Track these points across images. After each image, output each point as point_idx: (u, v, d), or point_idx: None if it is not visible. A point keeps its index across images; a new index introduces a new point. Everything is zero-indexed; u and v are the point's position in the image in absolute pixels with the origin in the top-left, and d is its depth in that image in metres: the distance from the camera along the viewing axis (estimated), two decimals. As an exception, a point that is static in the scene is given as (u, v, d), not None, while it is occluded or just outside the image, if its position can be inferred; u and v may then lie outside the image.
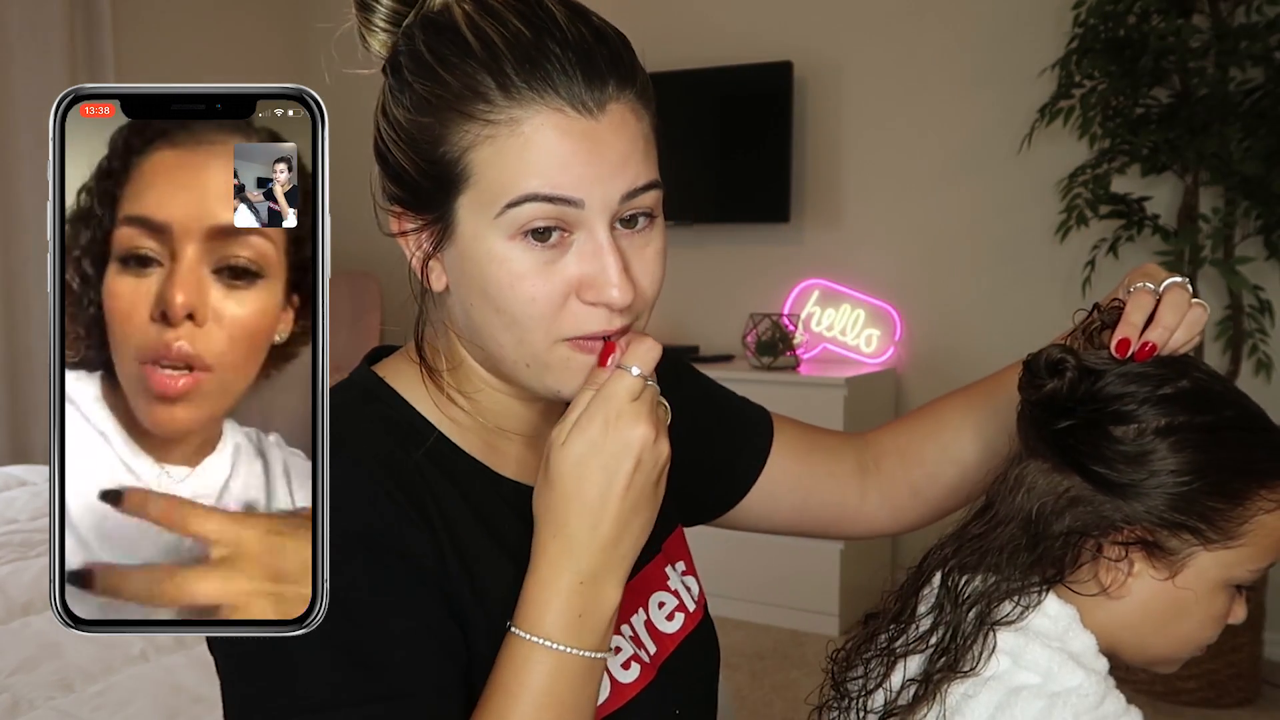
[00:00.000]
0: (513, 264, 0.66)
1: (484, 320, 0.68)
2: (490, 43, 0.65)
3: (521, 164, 0.64)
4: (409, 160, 0.68)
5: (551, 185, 0.64)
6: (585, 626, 0.65)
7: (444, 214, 0.68)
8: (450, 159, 0.66)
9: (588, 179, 0.65)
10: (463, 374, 0.75)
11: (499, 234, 0.66)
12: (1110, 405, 0.74)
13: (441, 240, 0.69)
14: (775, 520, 0.97)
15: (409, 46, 0.68)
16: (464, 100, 0.65)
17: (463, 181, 0.66)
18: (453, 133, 0.65)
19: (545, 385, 0.70)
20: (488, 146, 0.65)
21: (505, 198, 0.65)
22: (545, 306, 0.66)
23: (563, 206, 0.65)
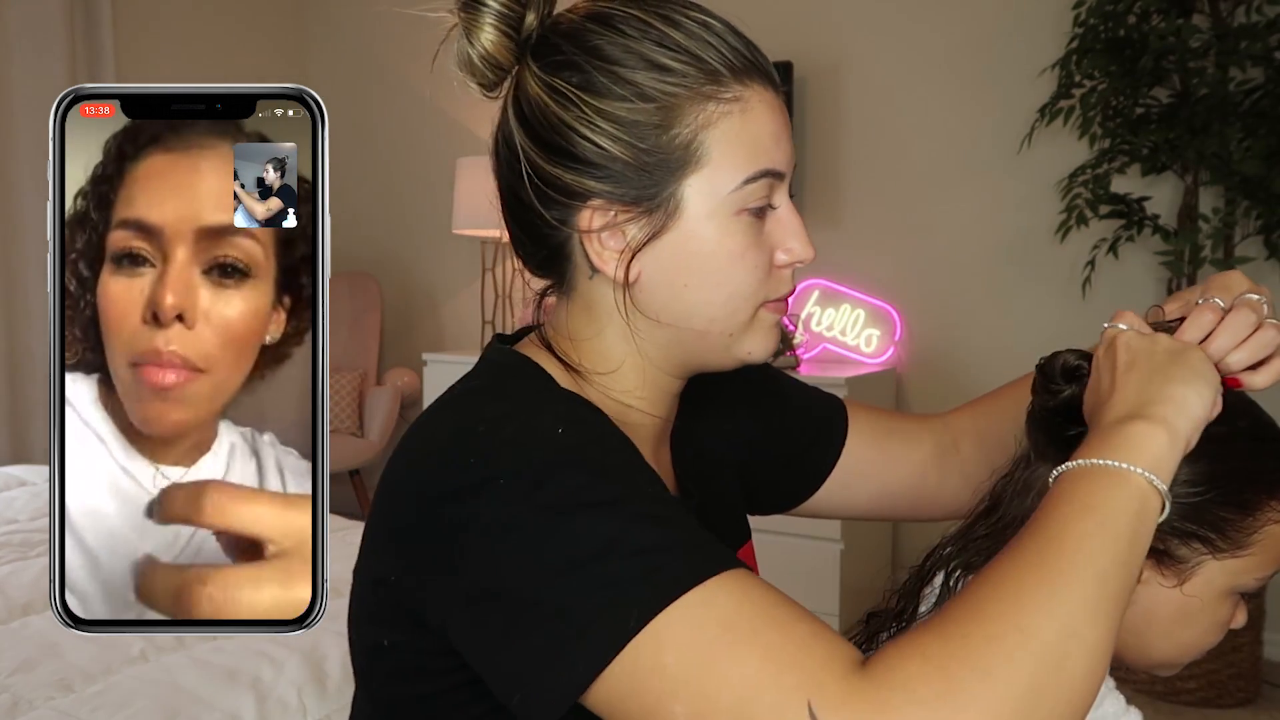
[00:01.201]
0: (740, 237, 0.70)
1: (700, 299, 0.71)
2: (690, 29, 0.69)
3: (753, 141, 0.69)
4: (625, 149, 0.68)
5: (773, 160, 0.70)
6: (1160, 461, 0.62)
7: (665, 199, 0.69)
8: (681, 141, 0.68)
9: (788, 152, 0.72)
10: (620, 374, 0.75)
11: (728, 210, 0.70)
12: None
13: (663, 226, 0.70)
14: (855, 507, 0.98)
15: (586, 42, 0.69)
16: (695, 82, 0.68)
17: (694, 162, 0.69)
18: (684, 115, 0.68)
19: (740, 351, 0.74)
20: (722, 124, 0.69)
21: (741, 174, 0.69)
22: (763, 274, 0.72)
23: (776, 179, 0.71)
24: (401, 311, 4.43)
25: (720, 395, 0.91)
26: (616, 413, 0.75)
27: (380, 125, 4.25)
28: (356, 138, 4.30)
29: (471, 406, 0.69)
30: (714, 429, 0.91)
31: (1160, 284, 2.96)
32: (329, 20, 4.52)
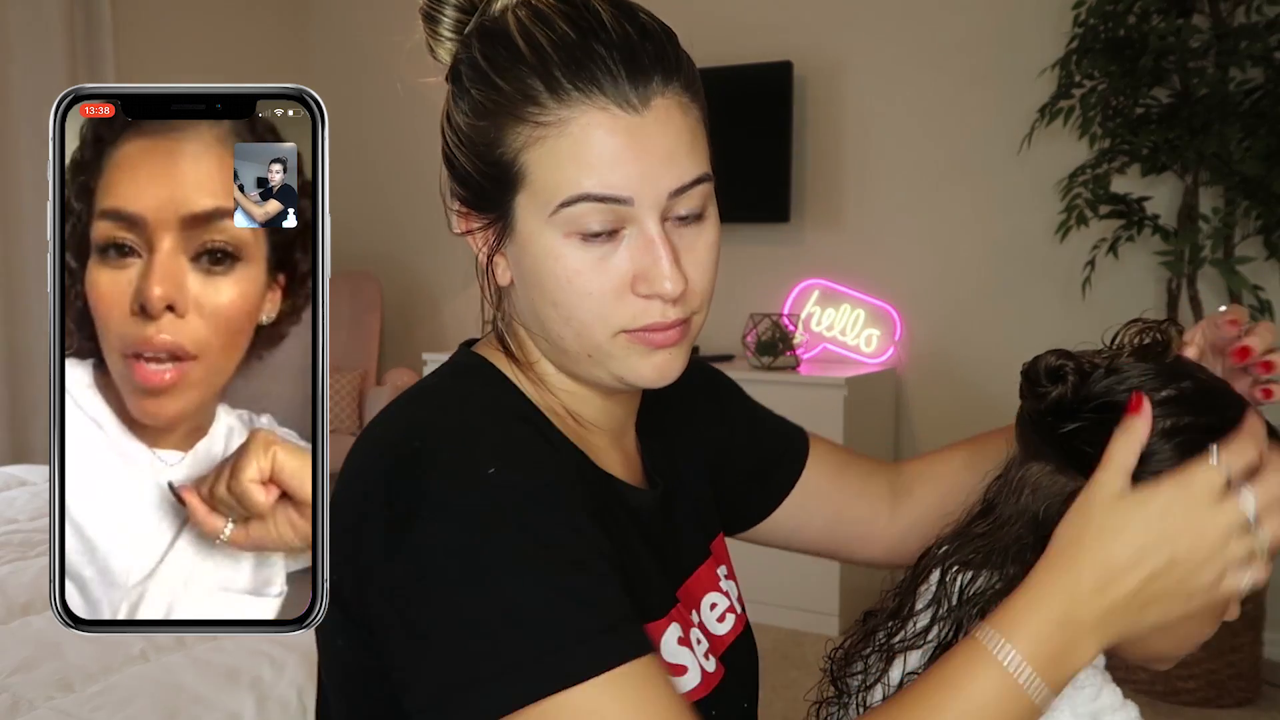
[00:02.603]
0: (568, 260, 0.68)
1: (545, 314, 0.71)
2: (539, 47, 0.67)
3: (572, 164, 0.67)
4: (470, 163, 0.71)
5: (601, 184, 0.67)
6: (1047, 663, 0.64)
7: (504, 213, 0.71)
8: (506, 160, 0.69)
9: (635, 176, 0.67)
10: (540, 369, 0.76)
11: (554, 232, 0.68)
12: (1115, 407, 0.74)
13: (502, 238, 0.71)
14: (806, 535, 0.98)
15: (467, 55, 0.71)
16: (516, 104, 0.67)
17: (518, 182, 0.69)
18: (507, 135, 0.68)
19: (610, 374, 0.72)
20: (539, 147, 0.67)
21: (558, 197, 0.67)
22: (600, 301, 0.69)
23: (613, 205, 0.67)
24: (401, 311, 4.43)
25: (689, 393, 0.91)
26: (571, 404, 0.76)
27: (381, 125, 4.25)
28: (357, 137, 4.30)
29: (414, 423, 0.70)
30: (684, 421, 0.91)
31: (1160, 284, 2.96)
32: (329, 20, 4.51)
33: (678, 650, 0.73)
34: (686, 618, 0.77)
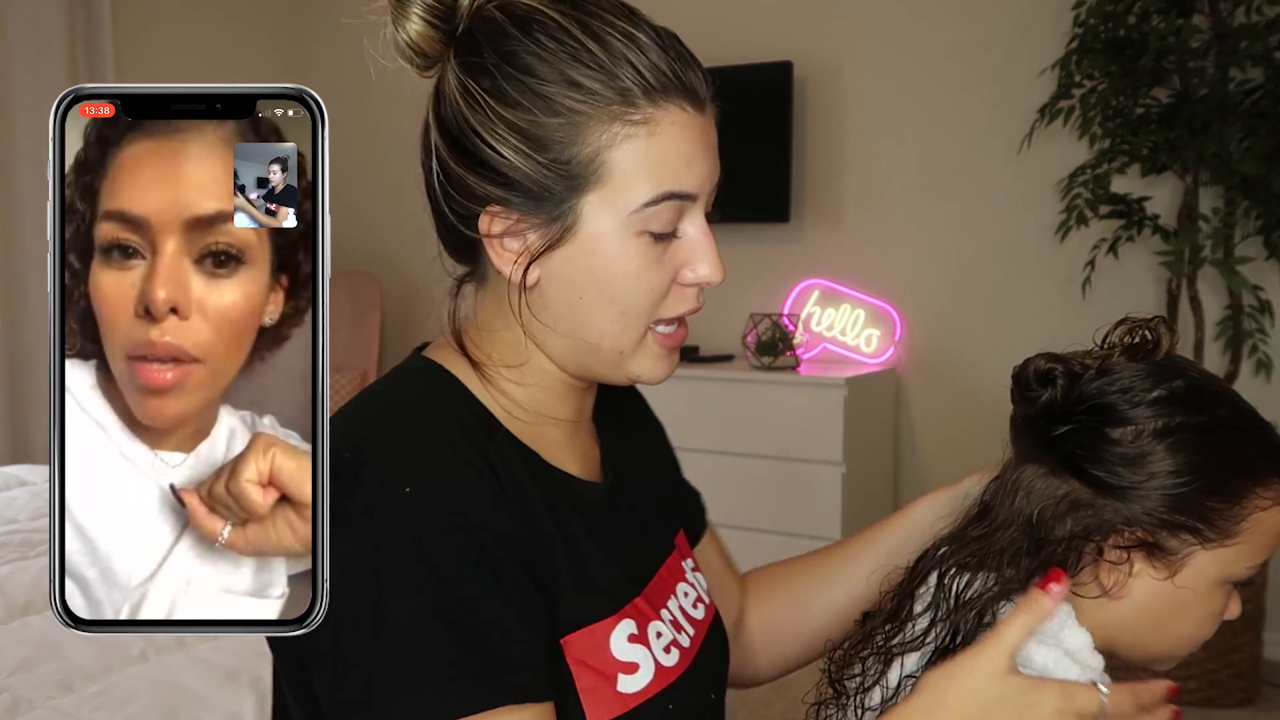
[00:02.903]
0: (637, 258, 0.69)
1: (592, 312, 0.71)
2: (611, 44, 0.67)
3: (659, 163, 0.68)
4: (526, 161, 0.68)
5: (680, 184, 0.68)
6: None
7: (564, 212, 0.69)
8: (583, 159, 0.67)
9: (702, 174, 0.70)
10: (525, 369, 0.75)
11: (628, 230, 0.69)
12: (1107, 409, 0.75)
13: (560, 239, 0.69)
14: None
15: (502, 47, 0.68)
16: (604, 101, 0.66)
17: (595, 180, 0.68)
18: (588, 134, 0.67)
19: (631, 370, 0.74)
20: (627, 145, 0.67)
21: (644, 196, 0.68)
22: (659, 295, 0.71)
23: (685, 202, 0.69)
24: (401, 311, 4.43)
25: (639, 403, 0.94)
26: (528, 401, 0.75)
27: (380, 124, 4.25)
28: (356, 137, 4.30)
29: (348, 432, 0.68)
30: (642, 423, 0.93)
31: (1160, 284, 2.96)
32: (329, 20, 4.51)
33: (627, 648, 0.72)
34: (648, 612, 0.76)
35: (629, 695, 0.70)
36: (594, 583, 0.72)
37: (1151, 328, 0.77)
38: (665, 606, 0.79)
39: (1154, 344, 0.77)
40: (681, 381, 3.26)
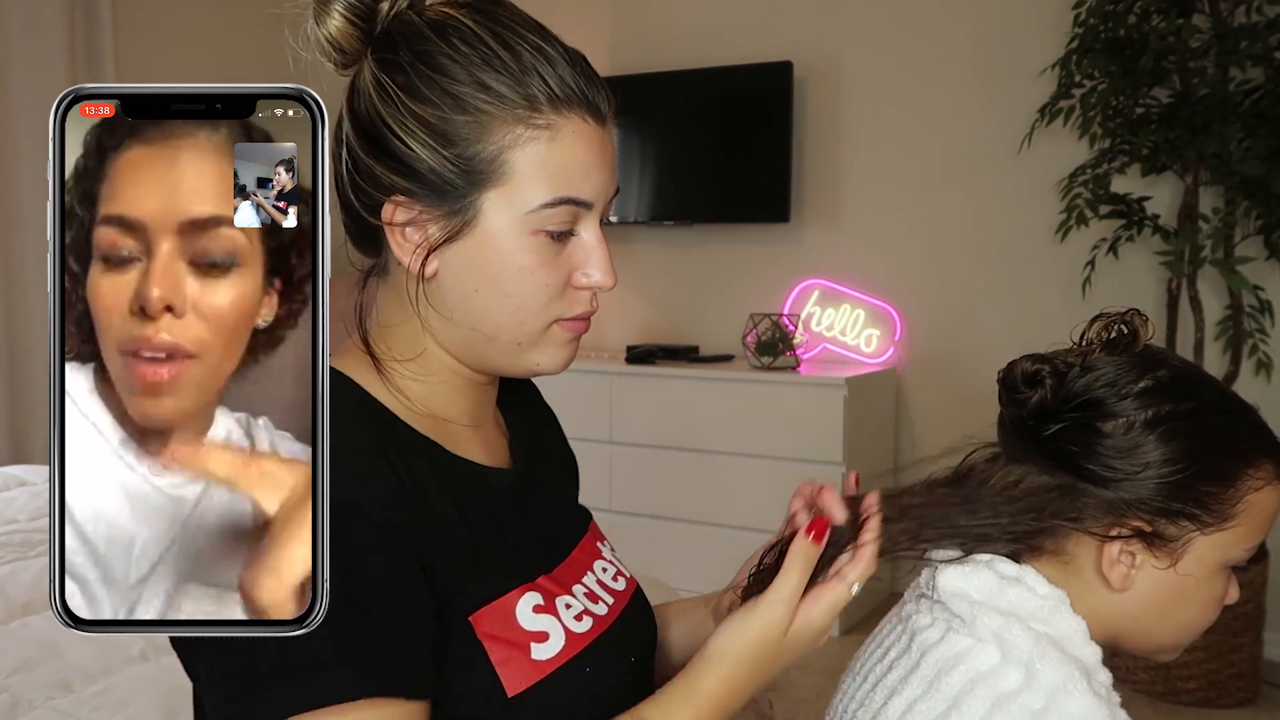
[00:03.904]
0: (532, 255, 0.73)
1: (489, 305, 0.74)
2: (522, 55, 0.70)
3: (558, 168, 0.72)
4: (432, 154, 0.71)
5: (577, 190, 0.73)
6: None
7: (464, 207, 0.72)
8: (486, 156, 0.71)
9: (599, 183, 0.74)
10: (422, 361, 0.78)
11: (524, 228, 0.72)
12: (1096, 404, 0.76)
13: (459, 232, 0.72)
14: None
15: (417, 47, 0.71)
16: (510, 104, 0.70)
17: (495, 178, 0.71)
18: (492, 133, 0.71)
19: (529, 362, 0.77)
20: (529, 148, 0.71)
21: (541, 198, 0.72)
22: (553, 292, 0.74)
23: (580, 208, 0.73)
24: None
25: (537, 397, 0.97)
26: (426, 396, 0.78)
27: (380, 125, 4.25)
28: (356, 138, 4.30)
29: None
30: (542, 412, 0.97)
31: (1160, 284, 2.96)
32: (329, 20, 4.51)
33: (534, 618, 0.74)
34: (555, 588, 0.78)
35: (544, 662, 0.73)
36: (498, 560, 0.75)
37: (1127, 320, 0.78)
38: (580, 582, 0.82)
39: (1131, 336, 0.78)
40: (681, 381, 3.26)
